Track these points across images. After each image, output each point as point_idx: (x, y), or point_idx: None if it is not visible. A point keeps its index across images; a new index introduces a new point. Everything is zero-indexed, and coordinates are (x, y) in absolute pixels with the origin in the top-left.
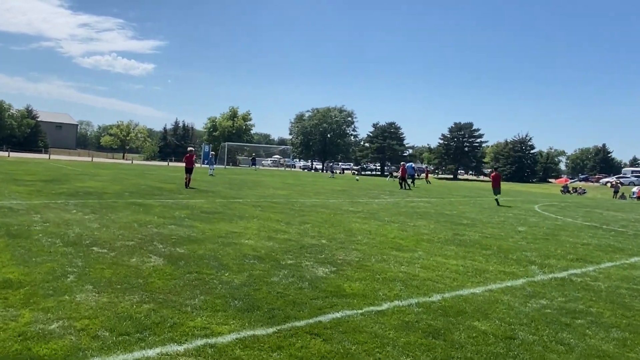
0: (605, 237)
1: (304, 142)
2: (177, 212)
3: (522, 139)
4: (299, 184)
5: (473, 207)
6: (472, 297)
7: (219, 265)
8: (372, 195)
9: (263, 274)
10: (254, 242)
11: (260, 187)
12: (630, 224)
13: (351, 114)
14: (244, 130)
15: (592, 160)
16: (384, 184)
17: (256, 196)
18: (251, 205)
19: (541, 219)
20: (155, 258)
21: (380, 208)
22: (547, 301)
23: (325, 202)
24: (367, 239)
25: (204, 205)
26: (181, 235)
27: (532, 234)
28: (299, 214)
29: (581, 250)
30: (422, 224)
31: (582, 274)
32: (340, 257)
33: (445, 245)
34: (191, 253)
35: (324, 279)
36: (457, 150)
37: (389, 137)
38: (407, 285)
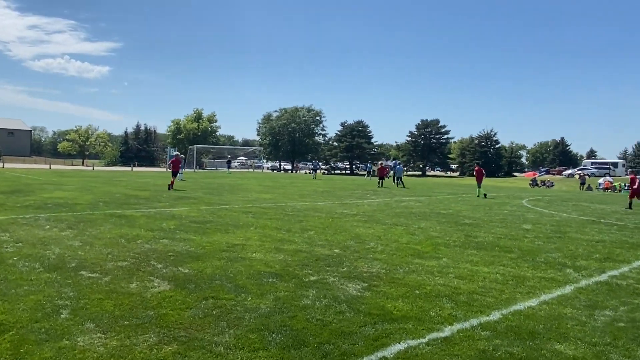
0: (612, 233)
1: (273, 142)
2: (164, 224)
3: (487, 134)
4: (279, 186)
5: (464, 205)
6: (533, 312)
7: (236, 287)
8: (357, 195)
9: (290, 295)
10: (262, 256)
11: (241, 191)
12: (624, 217)
13: (319, 113)
14: (210, 132)
15: (551, 154)
16: (364, 183)
17: (242, 201)
18: (241, 212)
19: (538, 215)
20: (158, 282)
21: (374, 209)
22: (612, 312)
23: (315, 205)
24: (381, 246)
25: (191, 214)
26: (178, 251)
27: (541, 232)
28: (296, 220)
29: (601, 248)
30: (427, 226)
31: (621, 275)
32: (364, 270)
33: (465, 250)
34: (198, 273)
35: (361, 299)
36: (424, 147)
37: (357, 135)
38: (456, 302)
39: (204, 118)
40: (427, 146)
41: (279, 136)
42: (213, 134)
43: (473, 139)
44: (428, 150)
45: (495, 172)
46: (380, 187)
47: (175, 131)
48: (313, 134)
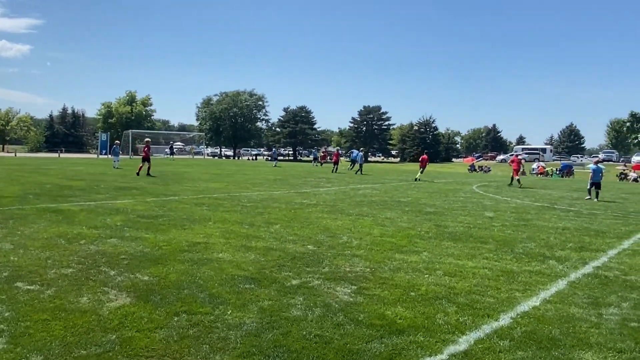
0: (572, 219)
1: (213, 127)
2: (108, 219)
3: (426, 121)
4: (226, 174)
5: (420, 192)
6: (541, 314)
7: (210, 297)
8: (312, 183)
9: (275, 305)
10: (231, 256)
11: (187, 180)
12: (574, 202)
13: (262, 98)
14: (145, 117)
15: (484, 140)
16: (314, 170)
17: (191, 192)
18: (193, 204)
19: (494, 201)
20: (115, 293)
21: (333, 198)
22: (617, 309)
23: (271, 195)
24: (355, 240)
25: (137, 207)
26: (132, 253)
27: (505, 220)
28: (256, 212)
29: (570, 236)
30: (393, 216)
31: (604, 267)
32: (347, 269)
33: (440, 242)
34: (160, 280)
35: (355, 306)
36: (367, 133)
37: (301, 121)
38: (458, 305)
39: (137, 101)
40: (369, 132)
41: (219, 121)
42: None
43: (413, 126)
44: (370, 137)
45: (433, 158)
46: (334, 173)
47: (106, 115)
48: (255, 119)
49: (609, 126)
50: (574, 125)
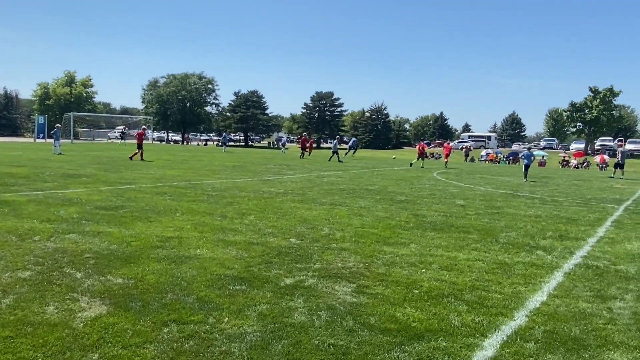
0: (539, 207)
1: (160, 111)
2: (62, 211)
3: (378, 107)
4: (180, 160)
5: (385, 180)
6: (554, 311)
7: (200, 303)
8: (273, 170)
9: (275, 309)
10: (210, 252)
11: (140, 167)
12: (534, 190)
13: (212, 81)
14: (85, 99)
15: (431, 127)
16: (271, 156)
17: (147, 179)
18: (154, 194)
19: (459, 189)
20: (87, 300)
21: (300, 186)
22: (623, 303)
23: (235, 183)
24: (337, 232)
25: (92, 197)
26: (97, 250)
27: (477, 208)
28: (225, 202)
29: (545, 224)
30: (367, 205)
31: (591, 256)
32: (340, 265)
33: (423, 232)
34: (137, 283)
35: (362, 308)
36: (319, 119)
37: (252, 106)
38: (467, 303)
39: (77, 82)
40: (322, 118)
41: (167, 105)
42: (88, 100)
43: (365, 112)
44: (323, 123)
45: (385, 144)
46: (301, 159)
47: (42, 96)
48: (205, 103)
49: (547, 115)
50: (515, 114)
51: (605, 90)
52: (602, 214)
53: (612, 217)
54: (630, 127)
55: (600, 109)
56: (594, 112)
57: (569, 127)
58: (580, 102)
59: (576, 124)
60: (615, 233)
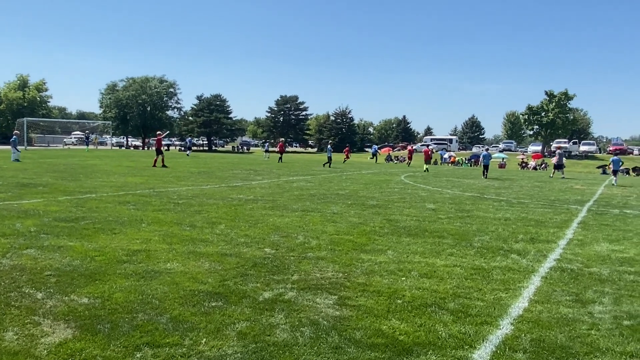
0: (507, 209)
1: (120, 115)
2: (18, 224)
3: (342, 111)
4: (143, 166)
5: (354, 184)
6: (537, 318)
7: (174, 323)
8: (240, 176)
9: (256, 327)
10: (181, 266)
11: (100, 174)
12: (500, 192)
13: (173, 85)
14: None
15: (395, 131)
16: (237, 161)
17: (109, 188)
18: (117, 203)
19: (427, 192)
20: (50, 324)
21: (270, 192)
22: (602, 307)
23: (202, 190)
24: (312, 240)
25: (50, 208)
26: (58, 267)
27: (448, 212)
28: (192, 210)
29: (516, 227)
30: (340, 210)
31: (564, 259)
32: (318, 275)
33: (398, 238)
34: (105, 303)
35: (346, 322)
36: (284, 123)
37: (216, 110)
38: (451, 312)
39: (30, 86)
40: (287, 122)
41: (126, 109)
42: (43, 105)
43: (329, 116)
44: (288, 127)
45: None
46: (280, 162)
47: None
48: (166, 107)
49: (505, 118)
50: (475, 117)
51: (560, 94)
52: (567, 216)
53: (577, 219)
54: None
55: (556, 112)
56: (550, 115)
57: (527, 129)
58: (536, 106)
59: (533, 127)
60: (583, 235)
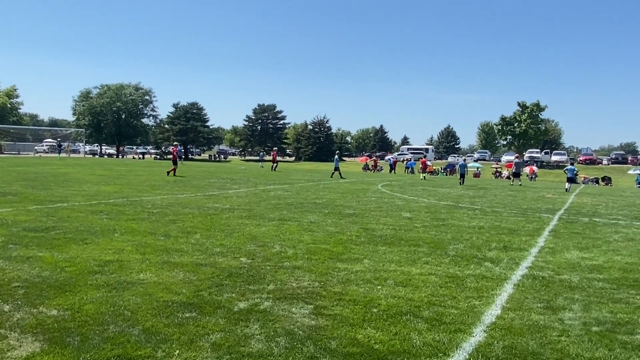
0: (481, 218)
1: (94, 123)
2: None
3: (320, 120)
4: (117, 175)
5: (332, 193)
6: (510, 325)
7: (146, 334)
8: (217, 185)
9: (230, 338)
10: (155, 276)
11: (72, 183)
12: (474, 201)
13: (149, 92)
14: (10, 110)
15: (372, 140)
16: (214, 170)
17: (81, 197)
18: (89, 212)
19: (403, 201)
20: (17, 337)
21: (247, 201)
22: (572, 313)
23: (177, 199)
24: (289, 249)
25: (19, 218)
26: (27, 278)
27: (423, 220)
28: (167, 220)
29: (489, 235)
30: (316, 219)
31: (535, 266)
32: (294, 285)
33: (375, 247)
34: (75, 315)
35: (321, 331)
36: (262, 131)
37: (192, 118)
38: (426, 320)
39: (0, 92)
40: (264, 131)
41: (100, 116)
42: (14, 111)
43: (307, 125)
44: (266, 135)
45: (328, 157)
46: (274, 171)
47: None
48: (142, 114)
49: (479, 128)
50: (450, 127)
51: (532, 105)
52: (539, 224)
53: (548, 227)
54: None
55: (528, 122)
56: (522, 126)
57: (500, 139)
58: (509, 117)
59: (506, 137)
60: (554, 243)
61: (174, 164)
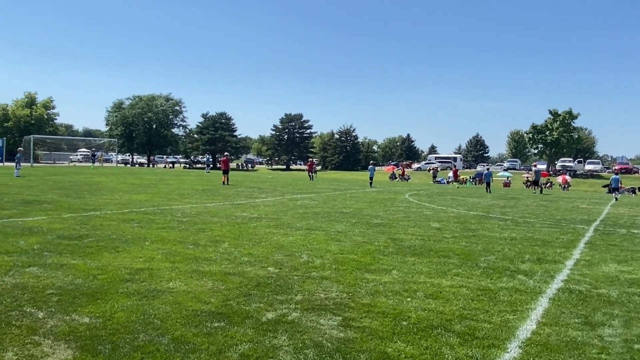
0: (512, 228)
1: (126, 133)
2: (22, 241)
3: (347, 129)
4: (147, 184)
5: (359, 202)
6: (546, 341)
7: (175, 344)
8: (245, 194)
9: (258, 349)
10: (184, 285)
11: (104, 192)
12: (505, 211)
13: (179, 103)
14: (46, 121)
15: (399, 149)
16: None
17: (113, 205)
18: (120, 221)
19: (432, 211)
20: (50, 344)
21: (274, 210)
22: (612, 330)
23: (206, 208)
24: (316, 259)
25: (54, 226)
26: (60, 286)
27: (453, 231)
28: (196, 229)
29: (522, 247)
30: (344, 229)
31: (571, 280)
32: (322, 295)
33: (403, 257)
34: (106, 322)
35: (350, 344)
36: (288, 140)
37: (221, 127)
38: (458, 334)
39: (38, 104)
40: (291, 140)
41: (132, 126)
42: (50, 122)
43: (334, 134)
44: (292, 144)
45: (354, 165)
46: (312, 181)
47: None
48: (172, 124)
49: (509, 137)
50: (479, 136)
51: (565, 113)
52: (574, 235)
53: (584, 239)
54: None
55: (560, 131)
56: (554, 134)
57: (531, 148)
58: (541, 125)
59: (538, 146)
60: (590, 255)
61: (224, 173)
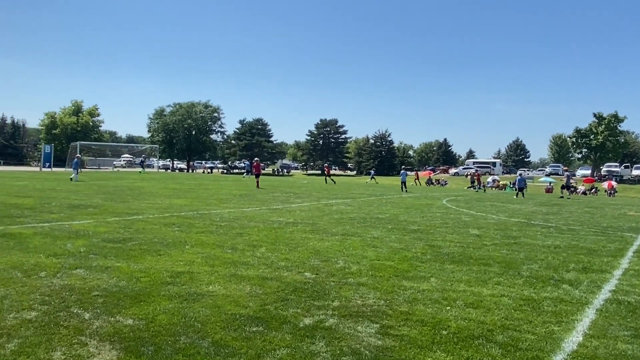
0: (556, 236)
1: (166, 139)
2: (69, 244)
3: (382, 134)
4: (187, 189)
5: (395, 208)
6: (593, 354)
7: (215, 347)
8: (281, 199)
9: (295, 354)
10: (223, 289)
11: (147, 196)
12: (548, 218)
13: (217, 110)
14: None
15: (435, 154)
16: (278, 184)
17: (155, 209)
18: (162, 225)
19: (470, 217)
20: (95, 345)
21: (310, 215)
22: None
23: (243, 212)
24: (353, 265)
25: (99, 229)
26: (105, 287)
27: (493, 238)
28: (234, 233)
29: (566, 255)
30: (380, 235)
31: (620, 290)
32: (359, 302)
33: (442, 265)
34: (148, 324)
35: (389, 352)
36: (324, 146)
37: (257, 133)
38: (500, 345)
39: (84, 111)
40: (326, 145)
41: (173, 133)
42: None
43: (369, 139)
44: (327, 149)
45: (390, 170)
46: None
47: (49, 125)
48: (210, 131)
49: (551, 141)
50: (519, 140)
51: (610, 116)
52: (622, 244)
53: (632, 247)
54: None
55: (606, 134)
56: (599, 138)
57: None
58: (585, 128)
59: (582, 150)
60: (639, 265)
61: (257, 177)
